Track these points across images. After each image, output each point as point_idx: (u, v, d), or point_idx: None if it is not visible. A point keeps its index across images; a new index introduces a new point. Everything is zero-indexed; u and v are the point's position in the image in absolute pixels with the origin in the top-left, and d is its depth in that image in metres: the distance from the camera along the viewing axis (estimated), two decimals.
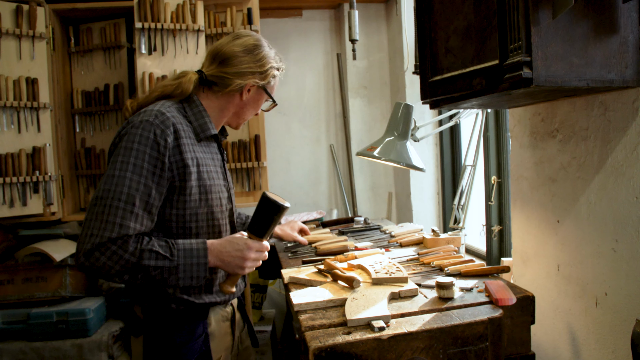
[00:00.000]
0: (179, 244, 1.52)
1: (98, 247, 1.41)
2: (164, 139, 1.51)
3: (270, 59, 1.75)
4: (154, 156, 1.49)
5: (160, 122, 1.52)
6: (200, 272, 1.53)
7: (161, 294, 1.61)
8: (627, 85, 1.40)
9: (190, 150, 1.59)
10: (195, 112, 1.68)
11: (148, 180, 1.48)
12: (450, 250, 2.19)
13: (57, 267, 3.48)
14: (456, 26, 1.54)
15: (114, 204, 1.43)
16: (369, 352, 1.32)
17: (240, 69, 1.70)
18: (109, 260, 1.41)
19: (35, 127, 3.44)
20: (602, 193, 1.64)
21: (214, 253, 1.56)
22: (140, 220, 1.47)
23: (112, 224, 1.42)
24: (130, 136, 1.50)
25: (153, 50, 3.57)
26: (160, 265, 1.47)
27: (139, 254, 1.44)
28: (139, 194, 1.46)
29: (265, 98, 1.81)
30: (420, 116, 3.65)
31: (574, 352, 1.85)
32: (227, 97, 1.74)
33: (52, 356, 3.34)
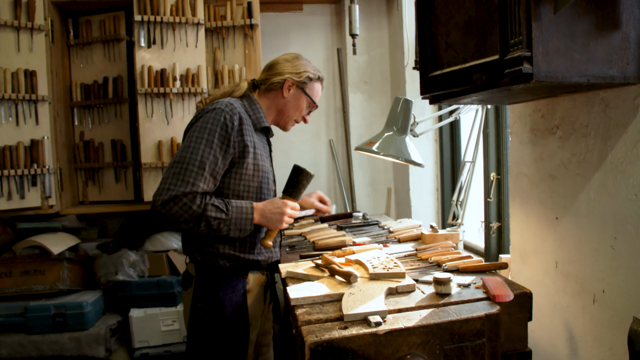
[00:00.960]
0: (232, 202, 1.89)
1: (173, 198, 1.77)
2: (232, 122, 1.89)
3: (306, 66, 2.15)
4: (223, 134, 1.86)
5: (229, 110, 1.91)
6: (247, 226, 1.90)
7: (212, 252, 1.96)
8: (629, 81, 1.39)
9: (250, 135, 1.96)
10: (253, 107, 2.07)
11: (217, 153, 1.85)
12: (448, 246, 2.19)
13: (55, 260, 3.49)
14: (457, 21, 1.53)
15: (189, 168, 1.80)
16: (366, 347, 1.31)
17: (280, 70, 2.13)
18: (180, 210, 1.77)
19: (34, 120, 3.44)
20: (602, 190, 1.64)
21: (258, 211, 1.92)
22: (207, 182, 1.84)
23: (186, 182, 1.79)
24: (205, 118, 1.89)
25: (152, 44, 3.56)
26: (219, 217, 1.83)
27: (203, 206, 1.80)
28: (209, 162, 1.83)
29: (305, 99, 2.16)
30: (420, 112, 3.64)
31: (571, 349, 1.85)
32: (272, 95, 2.14)
33: (50, 349, 3.34)
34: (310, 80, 2.15)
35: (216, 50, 3.78)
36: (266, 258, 2.08)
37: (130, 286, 3.57)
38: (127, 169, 3.99)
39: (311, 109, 2.24)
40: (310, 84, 2.16)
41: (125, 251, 3.67)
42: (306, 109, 2.21)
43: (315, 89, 2.20)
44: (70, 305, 3.37)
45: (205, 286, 1.99)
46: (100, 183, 3.99)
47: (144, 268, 3.67)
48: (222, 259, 1.97)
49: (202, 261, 1.99)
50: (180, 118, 3.63)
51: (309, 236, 2.62)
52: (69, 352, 3.35)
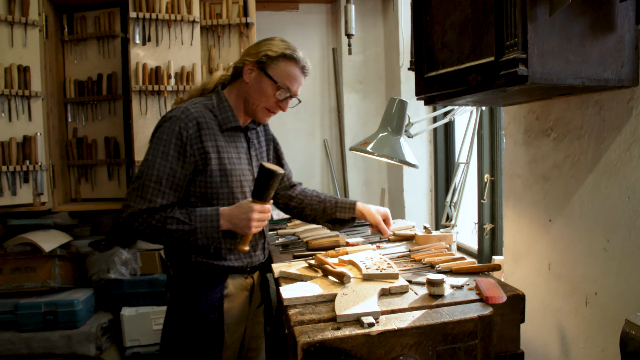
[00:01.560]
0: (196, 211, 1.82)
1: (132, 215, 1.76)
2: (187, 130, 1.81)
3: (269, 44, 1.93)
4: (179, 144, 1.80)
5: (185, 117, 1.83)
6: (215, 233, 1.81)
7: (185, 260, 1.91)
8: (623, 84, 1.39)
9: (212, 139, 1.87)
10: (220, 107, 1.96)
11: (173, 164, 1.79)
12: (441, 247, 2.19)
13: (47, 258, 3.46)
14: (453, 21, 1.53)
15: (146, 183, 1.77)
16: (358, 348, 1.31)
17: (240, 57, 1.98)
18: (140, 225, 1.76)
19: (27, 116, 3.41)
20: (595, 192, 1.64)
21: (225, 217, 1.82)
22: (166, 196, 1.79)
23: (143, 199, 1.76)
24: (162, 129, 1.83)
25: (147, 41, 3.54)
26: (181, 229, 1.78)
27: (163, 220, 1.77)
28: (166, 175, 1.79)
29: (269, 82, 1.91)
30: (414, 112, 3.64)
31: (563, 350, 1.85)
32: (238, 84, 1.99)
33: (41, 347, 3.32)
34: (271, 59, 1.90)
35: (211, 49, 3.77)
36: (245, 264, 1.98)
37: (122, 284, 3.55)
38: (120, 166, 3.97)
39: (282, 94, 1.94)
40: (272, 63, 1.91)
41: (118, 249, 3.65)
42: (277, 93, 1.93)
43: (282, 69, 1.91)
44: (61, 303, 3.35)
45: (180, 290, 1.94)
46: (93, 180, 3.97)
47: (136, 266, 3.65)
48: (195, 265, 1.91)
49: (177, 267, 1.95)
50: None
51: (302, 236, 2.61)
52: (60, 350, 3.33)
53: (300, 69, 1.96)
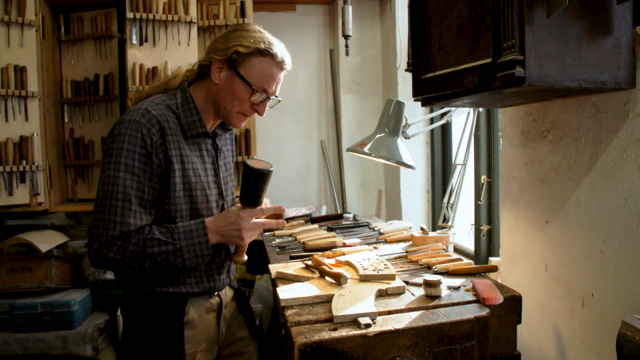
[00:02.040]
0: (178, 227, 1.58)
1: (105, 245, 1.50)
2: (150, 137, 1.55)
3: (239, 37, 1.64)
4: (143, 154, 1.54)
5: (146, 120, 1.56)
6: (204, 250, 1.59)
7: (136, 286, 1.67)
8: (620, 87, 1.40)
9: (176, 147, 1.62)
10: (185, 109, 1.68)
11: (140, 178, 1.54)
12: (438, 248, 2.19)
13: (43, 258, 3.46)
14: (450, 23, 1.53)
15: (113, 204, 1.51)
16: (355, 349, 1.31)
17: (209, 50, 1.70)
18: (116, 255, 1.51)
19: (23, 116, 3.41)
20: (592, 194, 1.64)
21: (212, 230, 1.61)
22: (139, 215, 1.54)
23: (114, 223, 1.50)
24: (120, 137, 1.54)
25: (144, 41, 3.54)
26: (164, 250, 1.54)
27: (142, 243, 1.52)
28: (134, 191, 1.53)
29: (241, 83, 1.64)
30: (411, 114, 3.64)
31: (560, 352, 1.85)
32: (206, 83, 1.71)
33: (36, 347, 3.31)
34: (243, 57, 1.62)
35: None
36: (206, 288, 1.74)
37: None
38: None
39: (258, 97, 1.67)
40: (244, 61, 1.63)
41: None
42: (248, 95, 1.66)
43: (256, 68, 1.63)
44: (58, 304, 3.34)
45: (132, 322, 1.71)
46: (89, 181, 3.96)
47: None
48: (148, 294, 1.67)
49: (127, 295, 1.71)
50: None
51: (299, 237, 2.61)
52: (56, 351, 3.32)
53: (277, 65, 1.68)
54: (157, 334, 1.65)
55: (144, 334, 1.67)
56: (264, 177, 1.62)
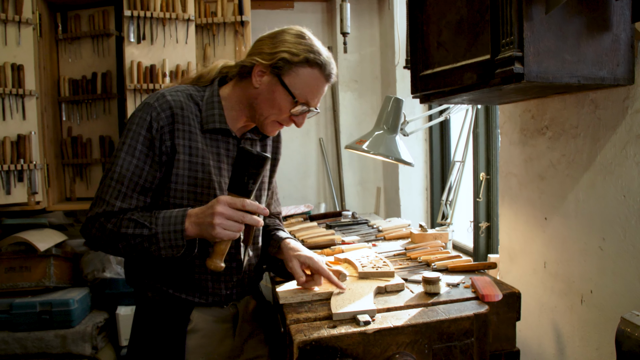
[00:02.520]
0: (159, 213, 1.45)
1: (90, 219, 1.48)
2: (158, 121, 1.48)
3: (288, 43, 1.53)
4: (148, 137, 1.48)
5: (158, 104, 1.50)
6: (179, 240, 1.40)
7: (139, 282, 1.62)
8: (618, 83, 1.39)
9: (186, 137, 1.52)
10: (208, 101, 1.58)
11: (140, 161, 1.48)
12: (437, 245, 2.19)
13: (41, 257, 3.45)
14: (448, 20, 1.53)
15: (107, 182, 1.48)
16: (354, 346, 1.31)
17: (255, 49, 1.59)
18: (97, 232, 1.47)
19: (21, 115, 3.40)
20: (591, 191, 1.64)
21: (191, 219, 1.41)
22: (128, 200, 1.48)
23: (102, 201, 1.47)
24: (132, 118, 1.51)
25: (142, 39, 3.53)
26: (138, 233, 1.42)
27: (119, 223, 1.44)
28: (129, 174, 1.47)
29: (283, 93, 1.53)
30: (410, 111, 3.63)
31: (559, 349, 1.85)
32: (244, 84, 1.59)
33: (35, 346, 3.31)
34: (289, 64, 1.51)
35: (206, 47, 3.76)
36: (208, 301, 1.61)
37: (117, 283, 3.55)
38: None
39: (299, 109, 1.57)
40: (291, 69, 1.52)
41: None
42: (289, 106, 1.55)
43: (302, 78, 1.53)
44: (57, 303, 3.34)
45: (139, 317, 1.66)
46: (88, 179, 3.95)
47: None
48: (150, 291, 1.60)
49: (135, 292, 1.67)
50: None
51: (298, 234, 2.61)
52: (55, 350, 3.32)
53: (324, 78, 1.57)
54: (158, 339, 1.59)
55: (146, 337, 1.62)
56: (255, 162, 1.38)
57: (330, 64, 1.59)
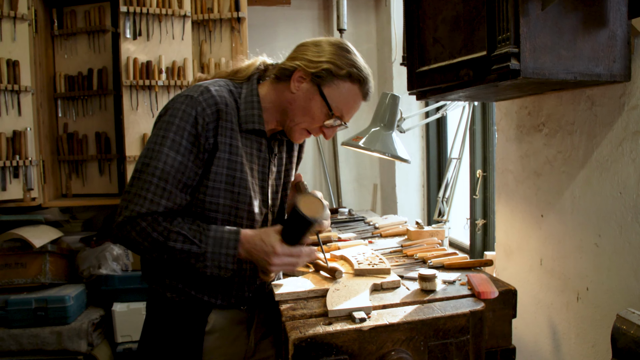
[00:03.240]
0: (210, 231, 1.45)
1: (129, 221, 1.40)
2: (203, 117, 1.45)
3: (334, 55, 1.53)
4: (193, 133, 1.44)
5: (204, 99, 1.46)
6: (228, 264, 1.45)
7: (160, 281, 1.59)
8: (615, 79, 1.39)
9: (228, 135, 1.50)
10: (247, 100, 1.56)
11: (184, 158, 1.44)
12: (433, 242, 2.19)
13: (37, 253, 3.44)
14: (445, 16, 1.52)
15: (148, 179, 1.41)
16: (350, 343, 1.30)
17: (297, 53, 1.58)
18: (138, 236, 1.40)
19: (16, 111, 3.38)
20: (587, 188, 1.64)
21: (244, 246, 1.46)
22: (173, 197, 1.43)
23: (143, 199, 1.40)
24: (174, 110, 1.46)
25: (138, 35, 3.52)
26: (187, 249, 1.41)
27: (166, 234, 1.40)
28: (174, 171, 1.42)
29: (320, 102, 1.53)
30: (407, 108, 3.63)
31: (555, 346, 1.85)
32: (281, 87, 1.57)
33: (31, 343, 3.30)
34: (332, 76, 1.51)
35: (202, 43, 3.75)
36: (231, 301, 1.62)
37: (113, 280, 3.54)
38: (111, 161, 3.95)
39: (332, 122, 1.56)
40: (332, 81, 1.51)
41: (109, 245, 3.63)
42: (323, 117, 1.55)
43: (341, 92, 1.53)
44: (52, 299, 3.33)
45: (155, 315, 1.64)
46: (84, 176, 3.94)
47: (127, 262, 3.64)
48: (169, 292, 1.58)
49: (151, 289, 1.63)
50: None
51: None
52: (50, 347, 3.31)
53: (363, 96, 1.59)
54: (174, 340, 1.58)
55: (161, 336, 1.60)
56: (309, 226, 1.46)
57: (369, 82, 1.58)
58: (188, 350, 1.59)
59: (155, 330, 1.63)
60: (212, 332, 1.60)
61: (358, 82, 1.55)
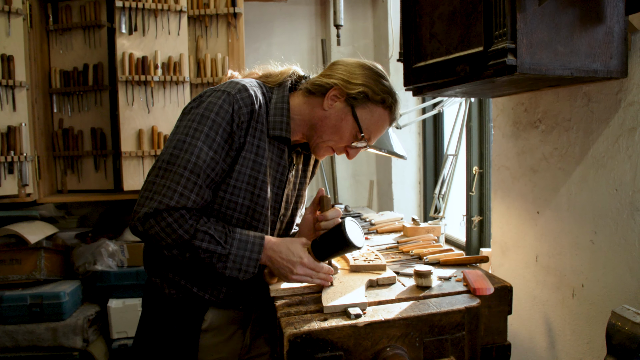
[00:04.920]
0: (235, 233, 1.46)
1: (154, 214, 1.37)
2: (239, 115, 1.45)
3: (368, 78, 1.56)
4: (228, 131, 1.44)
5: (241, 98, 1.46)
6: (250, 267, 1.47)
7: (161, 274, 1.59)
8: (611, 76, 1.39)
9: (257, 136, 1.51)
10: (277, 107, 1.56)
11: (216, 155, 1.43)
12: (429, 239, 2.18)
13: (32, 250, 3.43)
14: (441, 11, 1.51)
15: (179, 171, 1.39)
16: (345, 339, 1.30)
17: (334, 71, 1.59)
18: (162, 232, 1.38)
19: (11, 106, 3.36)
20: (583, 184, 1.64)
21: (267, 252, 1.49)
22: (202, 193, 1.42)
23: (173, 191, 1.38)
24: (210, 105, 1.44)
25: (134, 30, 3.50)
26: (212, 249, 1.42)
27: (193, 232, 1.39)
28: (205, 166, 1.41)
29: (351, 123, 1.55)
30: (403, 104, 3.63)
31: (550, 342, 1.86)
32: (312, 101, 1.59)
33: (26, 339, 3.30)
34: (367, 100, 1.54)
35: (199, 39, 3.73)
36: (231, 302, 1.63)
37: (109, 276, 3.53)
38: (107, 157, 3.93)
39: (359, 143, 1.59)
40: (366, 105, 1.54)
41: (104, 241, 3.62)
42: (351, 138, 1.58)
43: (373, 116, 1.56)
44: (47, 295, 3.32)
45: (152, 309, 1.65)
46: (79, 172, 3.92)
47: (123, 258, 3.63)
48: (169, 287, 1.59)
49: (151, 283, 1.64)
50: (161, 107, 3.58)
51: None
52: (46, 343, 3.31)
53: (391, 122, 1.63)
54: (171, 337, 1.59)
55: (157, 333, 1.61)
56: (349, 249, 1.52)
57: (398, 109, 1.63)
58: (184, 347, 1.60)
59: (151, 327, 1.64)
60: (208, 330, 1.62)
61: (389, 109, 1.58)
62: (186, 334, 1.60)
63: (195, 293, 1.58)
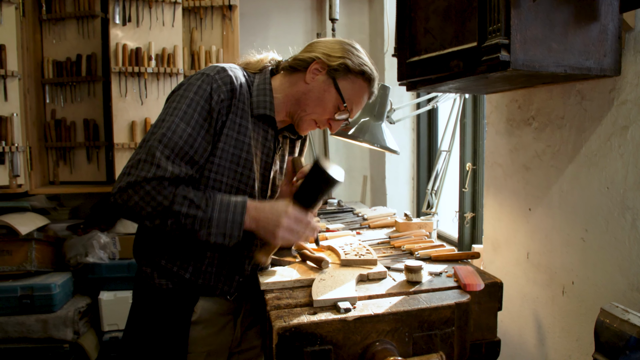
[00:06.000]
0: (216, 196, 1.46)
1: (132, 185, 1.38)
2: (218, 94, 1.48)
3: (351, 52, 1.61)
4: (207, 109, 1.46)
5: (220, 77, 1.50)
6: (235, 231, 1.44)
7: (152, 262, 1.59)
8: (605, 74, 1.38)
9: (239, 114, 1.53)
10: (260, 87, 1.60)
11: (194, 131, 1.45)
12: (421, 234, 2.18)
13: (23, 241, 3.41)
14: (436, 6, 1.51)
15: (154, 145, 1.41)
16: (334, 333, 1.30)
17: (313, 48, 1.64)
18: (141, 200, 1.39)
19: (2, 96, 3.34)
20: (575, 182, 1.64)
21: (251, 213, 1.47)
22: (180, 166, 1.43)
23: (149, 164, 1.39)
24: (189, 86, 1.49)
25: (127, 21, 3.48)
26: (192, 214, 1.41)
27: (172, 197, 1.40)
28: (181, 142, 1.43)
29: (334, 95, 1.60)
30: (398, 99, 3.62)
31: (539, 339, 1.86)
32: (294, 78, 1.63)
33: (16, 331, 3.28)
34: (347, 71, 1.58)
35: (193, 31, 3.71)
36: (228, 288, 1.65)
37: (100, 268, 3.52)
38: (99, 149, 3.91)
39: (342, 114, 1.63)
40: (347, 75, 1.59)
41: (96, 233, 3.61)
42: (334, 109, 1.62)
43: (354, 87, 1.62)
44: (38, 287, 3.31)
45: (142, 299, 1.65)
46: (71, 163, 3.90)
47: (114, 250, 3.62)
48: (159, 277, 1.59)
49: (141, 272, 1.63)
50: (154, 98, 3.56)
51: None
52: (36, 334, 3.30)
53: (370, 94, 1.69)
54: (161, 328, 1.59)
55: (147, 325, 1.62)
56: (330, 183, 1.51)
57: (376, 83, 1.69)
58: (174, 339, 1.60)
59: (141, 319, 1.65)
60: (198, 322, 1.62)
61: (368, 80, 1.64)
62: (176, 326, 1.60)
63: (187, 279, 1.58)
